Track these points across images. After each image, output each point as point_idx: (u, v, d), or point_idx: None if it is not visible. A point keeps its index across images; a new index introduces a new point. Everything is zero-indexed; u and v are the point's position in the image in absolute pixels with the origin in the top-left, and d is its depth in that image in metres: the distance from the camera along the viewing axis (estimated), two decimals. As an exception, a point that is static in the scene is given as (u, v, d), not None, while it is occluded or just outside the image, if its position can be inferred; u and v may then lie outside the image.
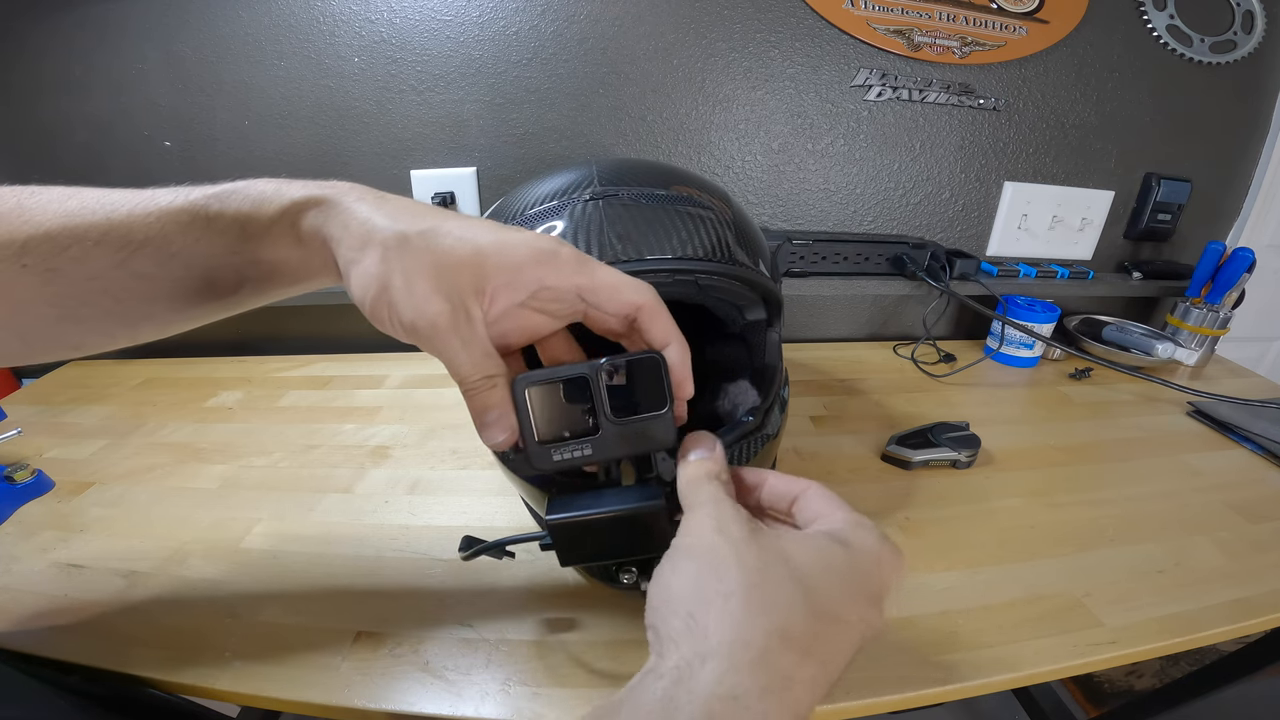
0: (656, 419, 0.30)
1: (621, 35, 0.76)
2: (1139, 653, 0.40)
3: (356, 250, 0.27)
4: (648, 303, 0.30)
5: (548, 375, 0.30)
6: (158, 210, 0.29)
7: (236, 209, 0.29)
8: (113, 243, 0.28)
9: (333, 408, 0.71)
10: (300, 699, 0.36)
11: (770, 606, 0.22)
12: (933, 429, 0.61)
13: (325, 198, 0.29)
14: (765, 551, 0.24)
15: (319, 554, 0.47)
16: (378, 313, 0.27)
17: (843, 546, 0.25)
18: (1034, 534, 0.51)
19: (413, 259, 0.27)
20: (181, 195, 0.29)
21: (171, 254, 0.29)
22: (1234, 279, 0.81)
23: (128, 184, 0.30)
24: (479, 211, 0.83)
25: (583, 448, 0.30)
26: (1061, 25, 0.81)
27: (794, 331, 0.95)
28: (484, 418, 0.29)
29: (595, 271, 0.29)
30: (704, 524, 0.26)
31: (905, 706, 0.37)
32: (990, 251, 0.93)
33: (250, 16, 0.73)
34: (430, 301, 0.27)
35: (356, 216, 0.28)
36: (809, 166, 0.85)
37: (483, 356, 0.28)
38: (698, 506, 0.27)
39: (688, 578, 0.24)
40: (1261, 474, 0.61)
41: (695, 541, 0.26)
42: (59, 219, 0.28)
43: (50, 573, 0.45)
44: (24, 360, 0.32)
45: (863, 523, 0.27)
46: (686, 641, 0.22)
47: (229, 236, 0.29)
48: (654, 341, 0.30)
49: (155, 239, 0.28)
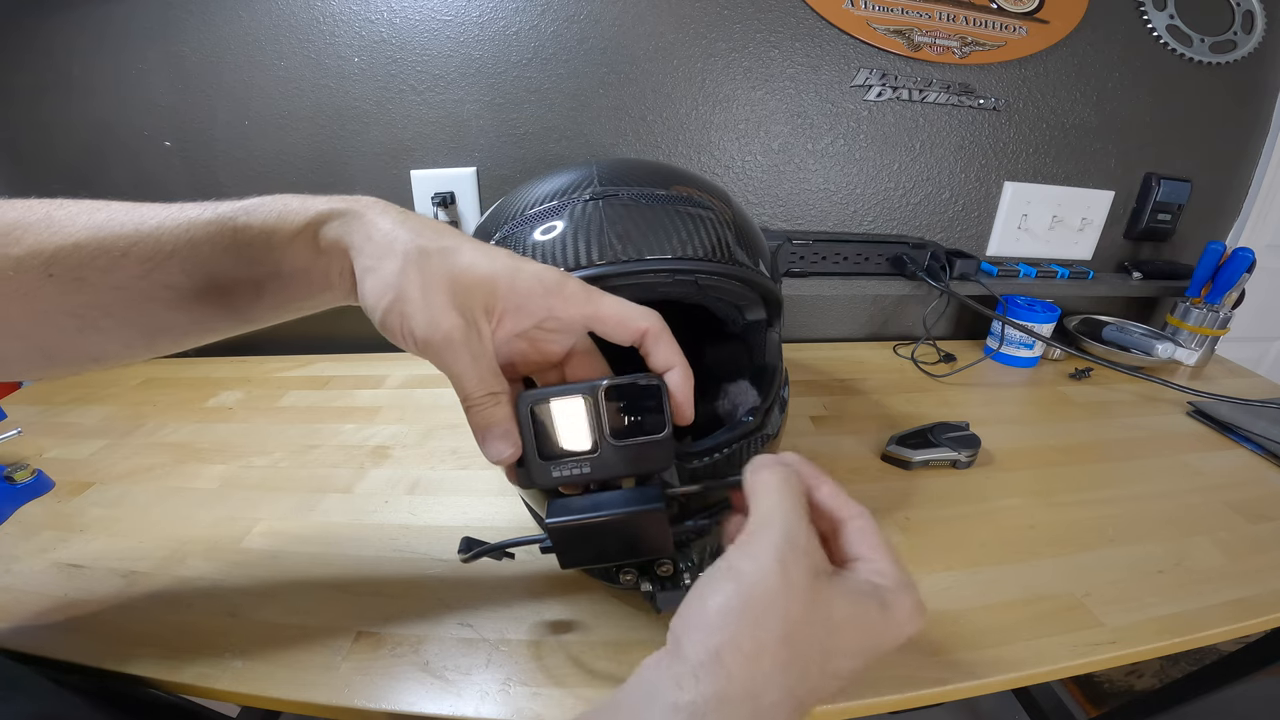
0: (655, 442, 0.30)
1: (621, 35, 0.76)
2: (1139, 653, 0.40)
3: (376, 259, 0.28)
4: (652, 328, 0.30)
5: (551, 394, 0.30)
6: (187, 222, 0.29)
7: (263, 221, 0.30)
8: (141, 253, 0.29)
9: (333, 408, 0.71)
10: (300, 699, 0.36)
11: (792, 666, 0.23)
12: (933, 429, 0.61)
13: (349, 210, 0.30)
14: (813, 607, 0.24)
15: (319, 554, 0.47)
16: (389, 322, 0.28)
17: (880, 609, 0.25)
18: (1034, 534, 0.51)
19: (430, 273, 0.28)
20: (210, 209, 0.30)
21: (198, 264, 0.30)
22: (1234, 279, 0.81)
23: (128, 184, 0.31)
24: (479, 212, 0.83)
25: (582, 466, 0.31)
26: (1061, 25, 0.81)
27: (794, 331, 0.95)
28: (487, 433, 0.29)
29: (601, 303, 0.30)
30: (768, 550, 0.24)
31: (905, 706, 0.37)
32: (990, 251, 0.93)
33: (250, 16, 0.73)
34: (445, 314, 0.27)
35: (380, 228, 0.29)
36: (809, 166, 0.85)
37: (489, 373, 0.29)
38: (766, 523, 0.26)
39: (727, 607, 0.23)
40: (1261, 474, 0.61)
41: (751, 568, 0.24)
42: (88, 230, 0.28)
43: (50, 573, 0.45)
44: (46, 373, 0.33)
45: (907, 584, 0.26)
46: (708, 680, 0.22)
47: (255, 248, 0.30)
48: (658, 365, 0.31)
49: (183, 249, 0.29)
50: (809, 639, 0.23)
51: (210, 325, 0.33)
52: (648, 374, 0.31)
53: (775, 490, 0.27)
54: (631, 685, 0.24)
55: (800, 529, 0.25)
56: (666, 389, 0.30)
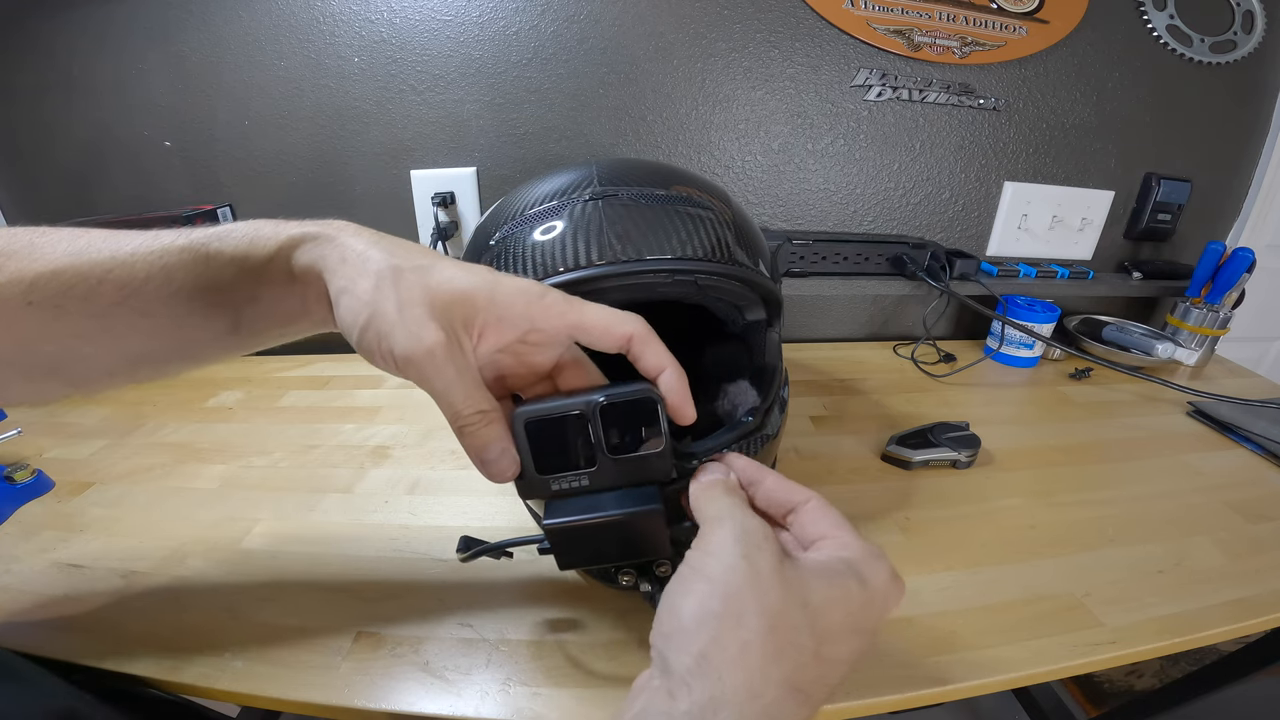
0: (653, 456, 0.30)
1: (621, 35, 0.76)
2: (1139, 653, 0.40)
3: (350, 280, 0.28)
4: (638, 332, 0.30)
5: (546, 410, 0.30)
6: (160, 248, 0.29)
7: (235, 247, 0.30)
8: (117, 279, 0.28)
9: (333, 408, 0.71)
10: (300, 699, 0.36)
11: (783, 655, 0.23)
12: (933, 429, 0.61)
13: (321, 234, 0.29)
14: (788, 592, 0.24)
15: (319, 554, 0.47)
16: (366, 340, 0.27)
17: (859, 583, 0.25)
18: (1034, 534, 0.51)
19: (406, 289, 0.27)
20: (184, 235, 0.30)
21: (172, 291, 0.29)
22: (1234, 279, 0.81)
23: (128, 184, 0.31)
24: (479, 212, 0.83)
25: (580, 479, 0.30)
26: (1061, 25, 0.81)
27: (794, 331, 0.95)
28: (484, 454, 0.29)
29: (584, 311, 0.30)
30: (726, 543, 0.25)
31: (905, 706, 0.37)
32: (990, 251, 0.93)
33: (250, 16, 0.73)
34: (425, 328, 0.26)
35: (353, 249, 0.28)
36: (809, 166, 0.85)
37: (476, 389, 0.28)
38: (717, 521, 0.26)
39: (702, 607, 0.23)
40: (1261, 474, 0.61)
41: (715, 564, 0.24)
42: (66, 257, 0.28)
43: (50, 573, 0.45)
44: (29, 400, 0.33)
45: (877, 554, 0.26)
46: (699, 685, 0.22)
47: (228, 273, 0.30)
48: (648, 370, 0.30)
49: (157, 276, 0.29)
50: (794, 625, 0.23)
51: (190, 353, 0.33)
52: (645, 387, 0.30)
53: (716, 497, 0.28)
54: (625, 706, 0.24)
55: (751, 522, 0.26)
56: (664, 403, 0.30)
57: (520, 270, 0.38)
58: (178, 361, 0.33)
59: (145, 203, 0.81)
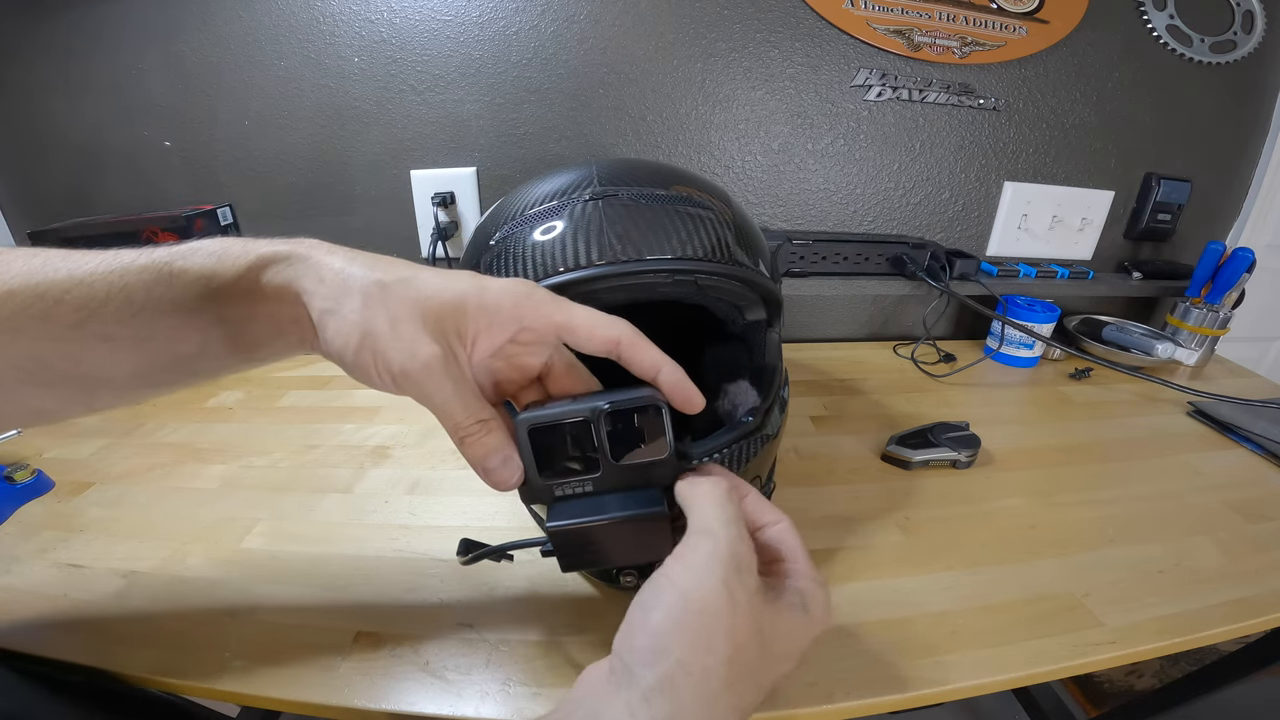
0: (657, 462, 0.30)
1: (621, 35, 0.76)
2: (1139, 653, 0.40)
3: (333, 300, 0.27)
4: (625, 336, 0.29)
5: (550, 416, 0.30)
6: (120, 267, 0.28)
7: (200, 265, 0.28)
8: (75, 300, 0.27)
9: (332, 408, 0.71)
10: (300, 699, 0.36)
11: (739, 681, 0.24)
12: (933, 429, 0.61)
13: (293, 253, 0.28)
14: (755, 627, 0.25)
15: (319, 554, 0.47)
16: (360, 362, 0.26)
17: (804, 614, 0.27)
18: (1034, 534, 0.51)
19: (395, 304, 0.26)
20: (145, 254, 0.28)
21: (133, 313, 0.28)
22: (1234, 279, 0.81)
23: (128, 184, 0.30)
24: (479, 212, 0.83)
25: (584, 485, 0.30)
26: (1061, 25, 0.81)
27: (794, 331, 0.95)
28: (487, 462, 0.28)
29: (571, 312, 0.29)
30: (711, 568, 0.25)
31: (905, 706, 0.37)
32: (990, 251, 0.93)
33: (250, 16, 0.73)
34: (420, 343, 0.26)
35: (330, 267, 0.27)
36: (809, 166, 0.85)
37: (474, 399, 0.28)
38: (707, 535, 0.26)
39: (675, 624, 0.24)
40: (1261, 474, 0.61)
41: (694, 584, 0.24)
42: (21, 277, 0.27)
43: (50, 573, 0.45)
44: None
45: (823, 583, 0.28)
46: (660, 705, 0.23)
47: (192, 293, 0.28)
48: (644, 371, 0.30)
49: (117, 296, 0.27)
50: (751, 658, 0.24)
51: (151, 379, 0.31)
52: (650, 393, 0.30)
53: (716, 503, 0.28)
54: (573, 703, 0.24)
55: (743, 547, 0.26)
56: (668, 407, 0.30)
57: (521, 270, 0.38)
58: (136, 388, 0.31)
59: (145, 203, 0.81)
